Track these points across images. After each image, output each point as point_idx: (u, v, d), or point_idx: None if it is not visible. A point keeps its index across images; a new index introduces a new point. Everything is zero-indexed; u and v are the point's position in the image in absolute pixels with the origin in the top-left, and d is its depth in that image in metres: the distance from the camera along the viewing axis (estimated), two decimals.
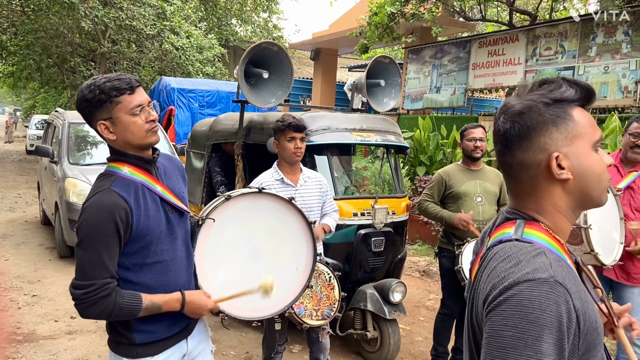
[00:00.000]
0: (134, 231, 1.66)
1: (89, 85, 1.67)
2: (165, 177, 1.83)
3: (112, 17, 13.82)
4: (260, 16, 23.52)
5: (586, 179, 1.06)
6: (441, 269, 3.76)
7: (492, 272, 1.04)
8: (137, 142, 1.70)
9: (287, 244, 2.13)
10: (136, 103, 1.67)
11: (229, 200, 2.00)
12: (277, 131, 3.05)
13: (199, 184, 5.02)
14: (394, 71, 4.48)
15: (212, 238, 1.93)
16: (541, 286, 0.94)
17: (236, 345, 4.13)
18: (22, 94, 35.97)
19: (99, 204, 1.62)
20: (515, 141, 1.07)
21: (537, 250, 1.01)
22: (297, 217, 2.17)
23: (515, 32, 9.31)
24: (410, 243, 7.61)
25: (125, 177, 1.70)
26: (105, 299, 1.59)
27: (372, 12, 10.31)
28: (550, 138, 1.05)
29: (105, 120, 1.68)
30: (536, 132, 1.05)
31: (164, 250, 1.75)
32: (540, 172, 1.06)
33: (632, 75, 7.34)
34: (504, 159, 1.12)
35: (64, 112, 7.74)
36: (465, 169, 3.65)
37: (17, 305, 4.88)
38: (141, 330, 1.74)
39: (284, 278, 2.10)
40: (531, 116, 1.05)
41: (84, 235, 1.61)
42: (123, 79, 1.66)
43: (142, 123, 1.68)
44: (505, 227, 1.11)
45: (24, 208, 9.67)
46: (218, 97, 10.97)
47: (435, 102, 10.89)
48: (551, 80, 1.08)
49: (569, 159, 1.05)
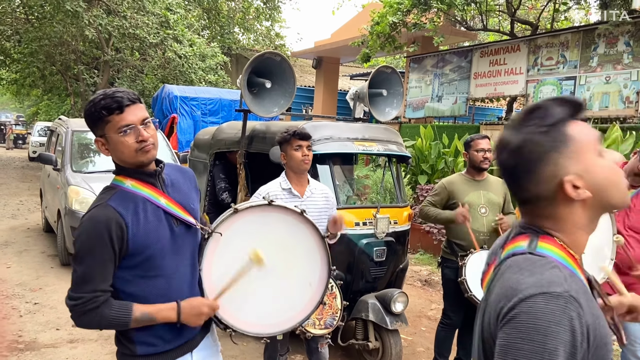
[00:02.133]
0: (131, 246, 1.66)
1: (90, 101, 1.69)
2: (173, 189, 1.81)
3: (116, 25, 13.91)
4: (262, 25, 23.63)
5: (605, 189, 1.05)
6: (443, 279, 3.75)
7: (505, 284, 1.04)
8: (127, 160, 1.70)
9: (299, 258, 2.05)
10: (124, 123, 1.64)
11: (236, 213, 1.94)
12: (283, 142, 3.03)
13: (202, 192, 5.04)
14: (396, 81, 4.50)
15: (220, 252, 1.88)
16: (557, 300, 0.95)
17: (237, 355, 4.12)
18: (25, 101, 36.07)
19: (94, 219, 1.64)
20: (524, 177, 1.08)
21: (551, 264, 1.02)
22: (309, 230, 2.09)
23: (517, 42, 9.35)
24: (412, 252, 7.60)
25: (127, 190, 1.70)
26: (92, 311, 1.63)
27: (374, 22, 10.36)
28: (557, 165, 1.04)
29: (100, 137, 1.69)
30: (541, 164, 1.05)
31: (166, 265, 1.73)
32: (558, 198, 1.06)
33: (634, 86, 7.36)
34: (518, 195, 1.12)
35: (67, 120, 7.78)
36: (469, 179, 3.65)
37: (19, 313, 4.88)
38: (143, 342, 1.74)
39: (296, 294, 2.03)
40: (531, 149, 1.05)
41: (78, 249, 1.65)
42: (116, 97, 1.64)
43: (131, 143, 1.66)
44: (519, 240, 1.11)
45: (27, 215, 9.69)
46: (220, 105, 11.01)
47: (436, 111, 10.92)
48: (539, 106, 1.08)
49: (581, 177, 1.04)
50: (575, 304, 0.95)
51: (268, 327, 1.97)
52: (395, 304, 3.70)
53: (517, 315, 0.97)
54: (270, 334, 2.00)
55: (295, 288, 2.02)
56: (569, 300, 0.95)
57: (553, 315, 0.93)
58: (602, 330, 1.01)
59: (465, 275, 3.38)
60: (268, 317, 1.95)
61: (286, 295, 1.99)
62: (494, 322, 1.04)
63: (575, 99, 1.08)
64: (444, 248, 3.77)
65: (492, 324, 1.05)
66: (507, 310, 0.99)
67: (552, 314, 0.94)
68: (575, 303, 0.95)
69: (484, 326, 1.10)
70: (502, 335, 0.99)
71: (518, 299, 0.98)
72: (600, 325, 1.00)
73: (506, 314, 0.99)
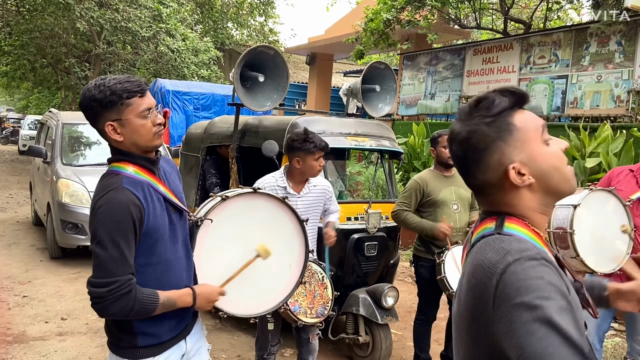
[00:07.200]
0: (144, 229, 1.66)
1: (98, 86, 1.65)
2: (166, 178, 1.85)
3: (108, 18, 13.80)
4: (256, 20, 23.59)
5: (548, 175, 1.10)
6: (418, 277, 3.75)
7: (476, 263, 1.05)
8: (144, 144, 1.71)
9: (280, 241, 2.16)
10: (146, 106, 1.68)
11: (225, 201, 2.02)
12: (304, 150, 3.02)
13: (193, 187, 5.02)
14: (389, 77, 4.50)
15: (210, 238, 1.96)
16: (533, 260, 0.99)
17: (228, 348, 4.12)
18: (15, 94, 35.74)
19: (116, 200, 1.61)
20: (473, 165, 1.12)
21: (518, 240, 1.05)
22: (289, 216, 2.22)
23: (510, 41, 9.38)
24: (403, 248, 7.62)
25: (132, 176, 1.70)
26: (127, 295, 1.59)
27: (367, 18, 10.35)
28: (503, 153, 1.09)
29: (114, 122, 1.67)
30: (488, 153, 1.09)
31: (167, 250, 1.75)
32: (505, 185, 1.10)
33: (625, 85, 7.41)
34: (469, 182, 1.17)
35: (57, 113, 7.71)
36: (439, 175, 3.63)
37: (8, 306, 4.85)
38: (145, 333, 1.74)
39: (277, 275, 2.14)
40: (478, 139, 1.10)
41: (103, 233, 1.59)
42: (134, 82, 1.67)
43: (151, 126, 1.70)
44: (486, 223, 1.15)
45: (16, 208, 9.61)
46: (213, 100, 10.97)
47: (429, 109, 10.93)
48: (484, 97, 1.12)
49: (526, 164, 1.08)
50: (550, 265, 1.00)
51: (253, 307, 2.07)
52: (385, 299, 3.71)
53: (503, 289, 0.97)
54: (257, 313, 2.10)
55: (277, 270, 2.13)
56: (542, 261, 0.99)
57: (534, 270, 0.97)
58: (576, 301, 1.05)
59: (445, 273, 3.38)
60: (253, 298, 2.05)
61: (269, 277, 2.09)
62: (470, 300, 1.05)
63: (520, 89, 1.12)
64: (416, 246, 3.74)
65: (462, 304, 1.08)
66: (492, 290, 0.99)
67: (533, 269, 0.97)
68: (550, 264, 1.00)
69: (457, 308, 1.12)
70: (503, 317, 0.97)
71: (499, 274, 0.99)
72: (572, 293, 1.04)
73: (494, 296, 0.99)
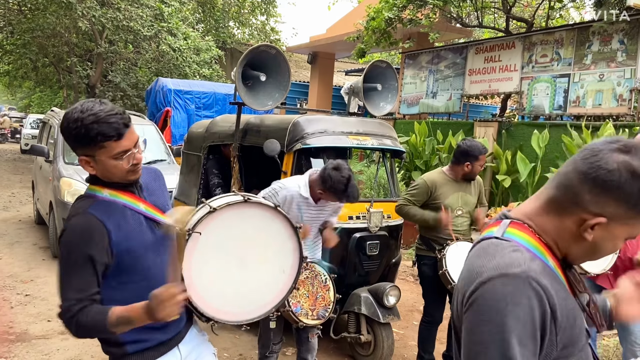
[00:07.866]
0: (115, 253, 1.64)
1: (76, 120, 1.56)
2: (148, 193, 1.81)
3: (110, 17, 13.80)
4: (257, 19, 23.56)
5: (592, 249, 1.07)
6: (421, 276, 3.75)
7: (470, 269, 1.08)
8: (117, 180, 1.69)
9: (273, 248, 2.13)
10: (121, 149, 1.61)
11: (214, 212, 1.92)
12: (337, 197, 3.02)
13: (195, 186, 5.02)
14: (391, 75, 4.49)
15: (199, 251, 1.89)
16: (514, 280, 0.98)
17: (229, 347, 4.12)
18: (17, 93, 35.79)
19: (74, 228, 1.62)
20: (582, 194, 1.05)
21: (512, 248, 1.04)
22: (282, 222, 2.16)
23: (512, 39, 9.36)
24: (405, 247, 7.62)
25: (105, 199, 1.68)
26: (70, 319, 1.61)
27: (369, 17, 10.33)
28: (604, 208, 1.02)
29: (87, 157, 1.64)
30: (613, 197, 1.02)
31: (150, 267, 1.73)
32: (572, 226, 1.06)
33: (627, 84, 7.39)
34: (568, 196, 1.09)
35: (59, 112, 7.73)
36: (450, 179, 3.62)
37: (10, 304, 4.86)
38: (132, 341, 1.74)
39: (272, 281, 2.11)
40: (612, 187, 1.02)
41: (60, 258, 1.64)
42: (112, 123, 1.57)
43: (124, 167, 1.64)
44: (492, 226, 1.16)
45: (18, 207, 9.63)
46: (215, 99, 10.97)
47: (431, 107, 10.92)
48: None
49: (603, 231, 1.04)
50: (534, 283, 0.98)
51: (246, 314, 2.03)
52: (387, 298, 3.71)
53: (477, 298, 1.01)
54: (249, 320, 2.06)
55: (270, 276, 2.11)
56: (526, 280, 0.97)
57: (511, 296, 0.96)
58: (572, 312, 1.03)
59: (447, 267, 3.39)
60: (247, 305, 2.02)
61: (262, 283, 2.07)
62: (460, 308, 1.07)
63: None
64: (418, 245, 3.75)
65: (459, 309, 1.09)
66: (469, 294, 1.03)
67: (510, 295, 0.96)
68: (534, 283, 0.98)
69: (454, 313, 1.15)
70: (465, 319, 1.03)
71: (478, 283, 1.01)
72: (569, 307, 1.03)
73: (469, 298, 1.03)
